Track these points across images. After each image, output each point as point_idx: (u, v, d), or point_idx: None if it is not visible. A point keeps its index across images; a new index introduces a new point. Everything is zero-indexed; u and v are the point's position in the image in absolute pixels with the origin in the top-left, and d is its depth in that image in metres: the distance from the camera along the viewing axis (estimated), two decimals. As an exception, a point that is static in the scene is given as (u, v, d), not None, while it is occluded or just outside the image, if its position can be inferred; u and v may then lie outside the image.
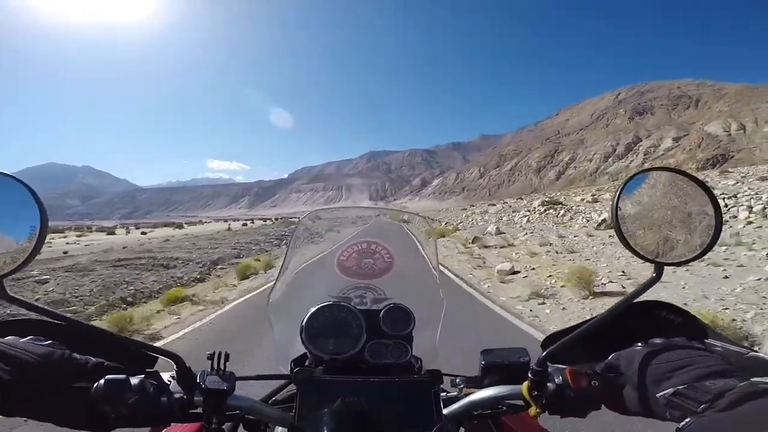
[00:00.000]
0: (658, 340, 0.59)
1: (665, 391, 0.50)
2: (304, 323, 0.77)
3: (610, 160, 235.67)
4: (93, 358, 0.60)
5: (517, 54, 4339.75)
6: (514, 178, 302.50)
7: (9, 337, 0.57)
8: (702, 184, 0.60)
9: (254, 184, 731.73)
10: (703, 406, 0.44)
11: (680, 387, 0.48)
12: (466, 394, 0.71)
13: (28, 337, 0.58)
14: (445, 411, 0.68)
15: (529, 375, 0.62)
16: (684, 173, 0.62)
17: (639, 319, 0.70)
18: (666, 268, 0.60)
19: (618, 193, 0.60)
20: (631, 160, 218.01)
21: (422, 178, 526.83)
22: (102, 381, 0.56)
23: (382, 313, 0.80)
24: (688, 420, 0.44)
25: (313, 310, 0.79)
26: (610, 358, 0.62)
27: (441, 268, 0.95)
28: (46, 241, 0.54)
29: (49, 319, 0.59)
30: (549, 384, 0.61)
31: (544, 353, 0.62)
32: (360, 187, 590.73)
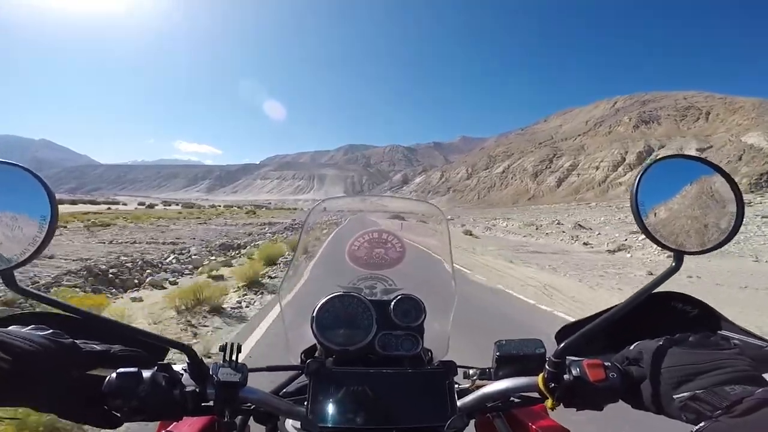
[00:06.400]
0: (680, 336, 0.56)
1: (683, 394, 0.49)
2: (314, 314, 0.76)
3: (620, 169, 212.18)
4: (98, 346, 0.58)
5: (502, 60, 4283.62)
6: (507, 182, 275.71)
7: (10, 327, 0.56)
8: (723, 172, 0.58)
9: (217, 167, 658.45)
10: (719, 411, 0.44)
11: (699, 391, 0.47)
12: (479, 387, 0.69)
13: (29, 326, 0.56)
14: (458, 403, 0.66)
15: (546, 367, 0.60)
16: (705, 161, 0.60)
17: (653, 311, 0.68)
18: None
19: (638, 180, 0.58)
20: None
21: (403, 174, 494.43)
22: (114, 375, 0.54)
23: (392, 303, 0.79)
24: (702, 424, 0.44)
25: (323, 300, 0.77)
26: (631, 348, 0.59)
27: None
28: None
29: (57, 311, 0.59)
30: (566, 376, 0.58)
31: (562, 345, 0.59)
32: (333, 179, 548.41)
